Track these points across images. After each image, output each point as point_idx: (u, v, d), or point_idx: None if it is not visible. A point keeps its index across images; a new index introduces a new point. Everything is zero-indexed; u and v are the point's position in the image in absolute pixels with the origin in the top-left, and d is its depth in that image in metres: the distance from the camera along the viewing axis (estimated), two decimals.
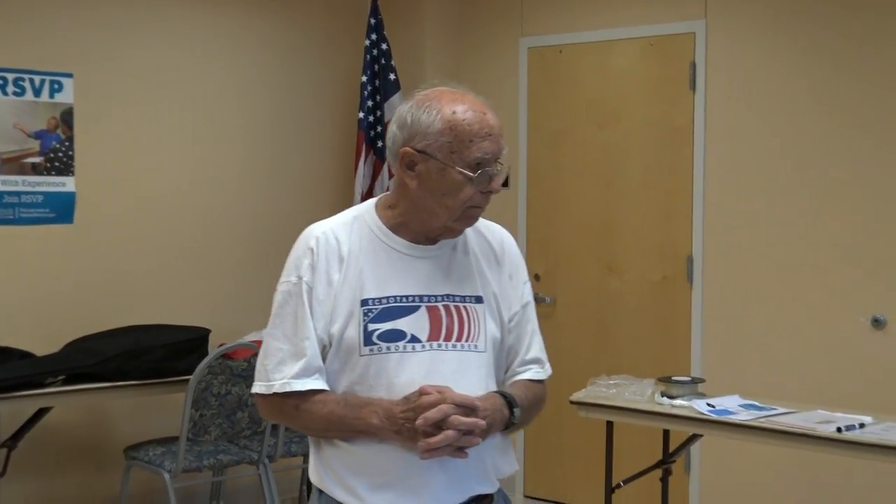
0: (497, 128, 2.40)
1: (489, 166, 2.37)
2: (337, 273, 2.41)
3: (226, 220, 6.18)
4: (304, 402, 2.38)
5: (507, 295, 2.51)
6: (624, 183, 6.20)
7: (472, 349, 2.42)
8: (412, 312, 2.40)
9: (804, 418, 4.32)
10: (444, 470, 2.35)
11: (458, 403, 2.28)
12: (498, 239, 2.57)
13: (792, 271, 5.63)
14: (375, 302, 2.39)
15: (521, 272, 2.57)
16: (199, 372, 4.95)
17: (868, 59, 5.39)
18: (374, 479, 2.36)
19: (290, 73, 6.48)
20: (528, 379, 2.53)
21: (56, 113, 5.47)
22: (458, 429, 2.26)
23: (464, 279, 2.47)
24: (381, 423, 2.32)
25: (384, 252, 2.43)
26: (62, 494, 5.58)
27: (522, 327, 2.54)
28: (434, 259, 2.45)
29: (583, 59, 6.34)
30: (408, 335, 2.38)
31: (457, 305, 2.44)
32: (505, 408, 2.39)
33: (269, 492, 5.30)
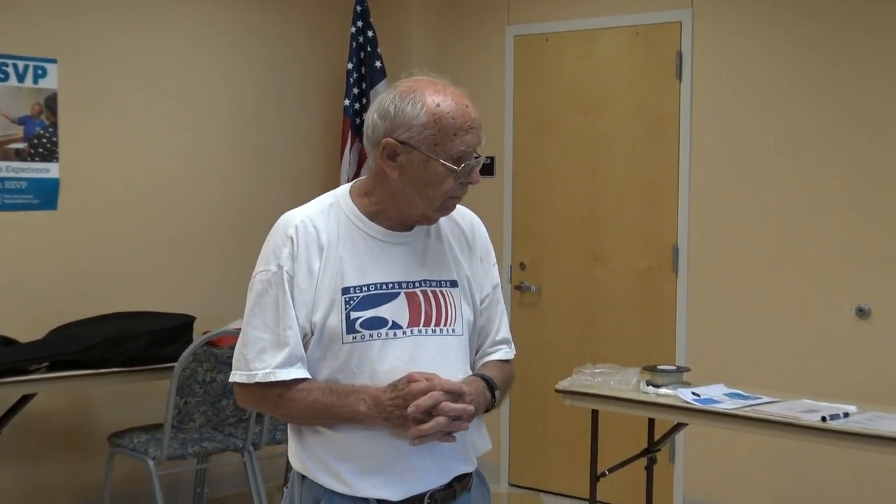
0: (478, 120, 2.41)
1: (469, 159, 2.39)
2: (317, 262, 2.41)
3: (211, 207, 6.16)
4: (288, 391, 2.39)
5: (479, 277, 2.56)
6: (610, 172, 6.20)
7: (450, 333, 2.46)
8: (392, 299, 2.43)
9: (789, 407, 4.33)
10: (430, 453, 2.39)
11: (446, 390, 2.32)
12: (468, 223, 2.61)
13: (777, 261, 5.65)
14: (356, 290, 2.41)
15: (490, 255, 2.62)
16: (184, 359, 4.93)
17: (855, 47, 5.39)
18: (360, 463, 2.39)
19: (276, 59, 6.46)
20: (499, 359, 2.59)
21: (40, 99, 5.44)
22: (448, 415, 2.31)
23: (439, 264, 2.51)
24: (369, 411, 2.34)
25: (362, 240, 2.45)
26: (46, 481, 5.57)
27: (493, 308, 2.59)
28: (410, 245, 2.48)
29: (569, 48, 6.34)
30: (389, 322, 2.40)
31: (434, 290, 2.47)
32: (486, 391, 2.45)
33: (253, 479, 5.29)
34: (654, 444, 5.03)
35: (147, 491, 5.12)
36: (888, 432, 3.97)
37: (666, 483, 5.94)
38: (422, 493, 2.42)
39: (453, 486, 2.48)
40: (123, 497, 5.67)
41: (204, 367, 5.02)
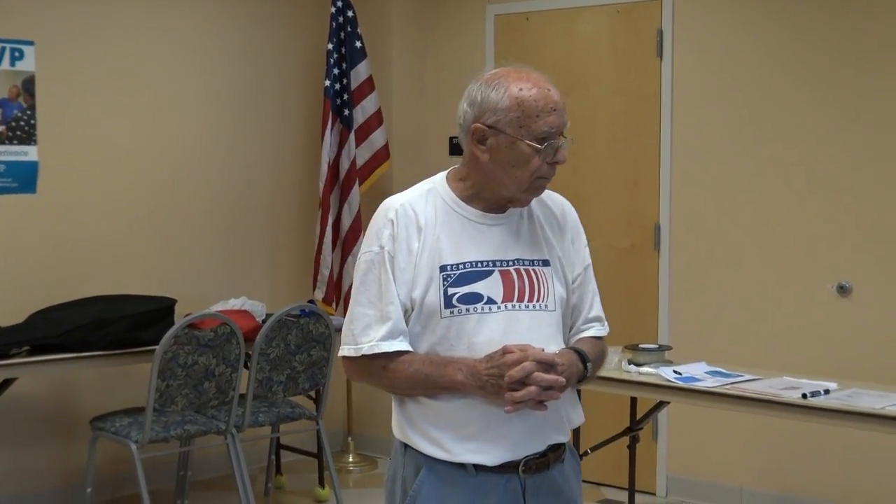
0: (560, 103, 2.58)
1: (554, 139, 2.55)
2: (416, 242, 2.56)
3: (191, 190, 6.14)
4: (391, 363, 2.54)
5: (571, 258, 2.70)
6: (591, 151, 6.19)
7: (542, 308, 2.59)
8: (487, 276, 2.57)
9: (770, 385, 4.34)
10: (524, 421, 2.52)
11: (539, 360, 2.44)
12: (559, 207, 2.76)
13: (758, 239, 5.66)
14: (453, 268, 2.56)
15: (581, 237, 2.76)
16: (166, 342, 4.92)
17: (837, 24, 5.40)
18: (458, 431, 2.53)
19: (256, 40, 6.43)
20: (592, 336, 2.71)
21: (17, 81, 5.40)
22: (540, 385, 2.43)
23: (532, 244, 2.64)
24: (466, 380, 2.48)
25: (458, 221, 2.60)
26: (28, 465, 5.56)
27: (585, 287, 2.72)
28: (504, 226, 2.63)
29: (549, 27, 6.32)
30: (484, 297, 2.55)
31: (527, 269, 2.61)
32: (579, 362, 2.57)
33: (237, 462, 5.29)
34: (636, 423, 5.04)
35: (130, 474, 5.11)
36: (868, 409, 3.99)
37: (649, 461, 5.96)
38: (517, 461, 2.54)
39: (547, 456, 2.59)
40: (106, 480, 5.67)
41: (185, 349, 5.00)
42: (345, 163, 6.41)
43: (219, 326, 5.09)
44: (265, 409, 5.49)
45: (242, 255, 6.37)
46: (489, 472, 2.54)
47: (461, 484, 2.55)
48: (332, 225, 6.32)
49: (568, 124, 2.60)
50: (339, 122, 6.42)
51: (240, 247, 6.35)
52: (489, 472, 2.54)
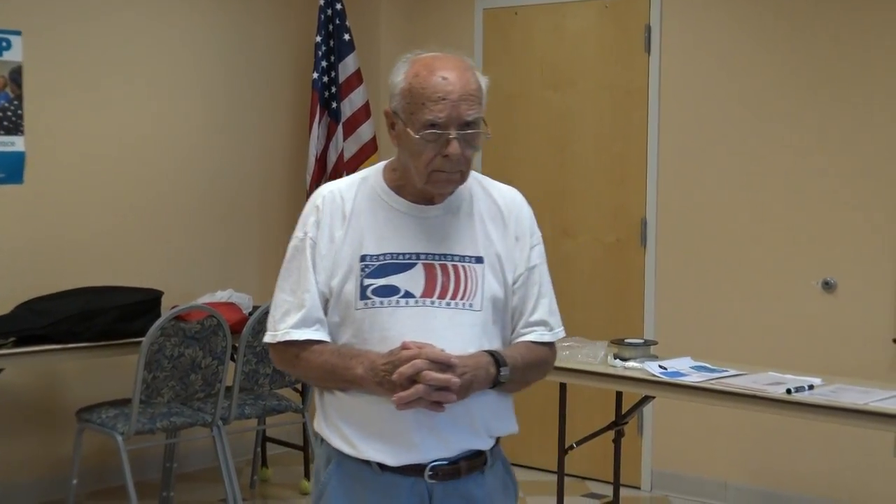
0: (456, 93, 2.38)
1: (443, 130, 2.38)
2: (340, 230, 2.49)
3: (179, 181, 6.13)
4: (304, 352, 2.49)
5: (512, 256, 2.55)
6: (578, 145, 6.20)
7: (465, 307, 2.47)
8: (408, 269, 2.47)
9: (755, 380, 4.36)
10: (430, 424, 2.41)
11: (432, 359, 2.33)
12: (507, 201, 2.60)
13: (744, 234, 5.68)
14: (373, 258, 2.47)
15: (527, 235, 2.59)
16: (152, 334, 4.91)
17: (826, 20, 5.41)
18: (365, 428, 2.46)
19: (244, 32, 6.42)
20: (531, 340, 2.56)
21: (4, 71, 5.38)
22: (430, 384, 2.32)
23: (464, 239, 2.52)
24: (365, 374, 2.40)
25: (385, 211, 2.51)
26: (14, 457, 5.55)
27: (528, 289, 2.56)
28: (435, 219, 2.51)
29: (538, 22, 6.33)
30: (401, 290, 2.45)
31: (455, 265, 2.49)
32: (491, 366, 2.42)
33: (223, 454, 5.29)
34: (621, 417, 5.06)
35: (116, 466, 5.11)
36: (852, 404, 4.01)
37: (634, 455, 5.98)
38: (421, 464, 2.45)
39: (459, 464, 2.48)
40: (92, 472, 5.66)
41: (172, 341, 5.00)
42: (332, 156, 6.42)
43: (205, 319, 5.09)
44: (251, 401, 5.50)
45: (229, 248, 6.36)
46: (395, 473, 2.45)
47: (367, 481, 2.48)
48: None
49: (468, 117, 2.39)
50: (327, 115, 6.42)
51: (227, 239, 6.35)
52: (395, 473, 2.45)
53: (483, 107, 2.45)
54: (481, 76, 2.47)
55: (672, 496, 5.95)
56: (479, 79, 2.45)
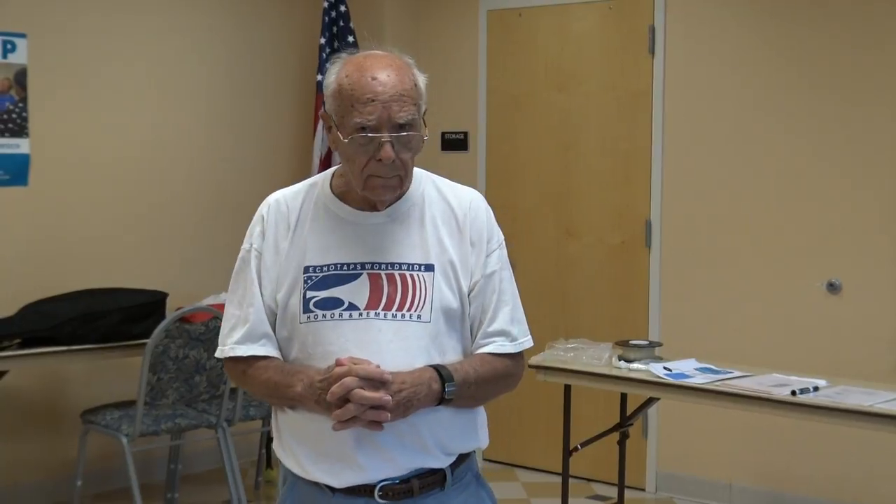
0: (386, 93, 2.24)
1: (374, 133, 2.25)
2: (284, 241, 2.40)
3: (183, 183, 6.14)
4: (249, 368, 2.40)
5: (468, 263, 2.40)
6: (583, 147, 6.20)
7: (412, 319, 2.32)
8: (352, 280, 2.35)
9: (759, 382, 4.35)
10: (375, 443, 2.29)
11: (363, 376, 2.20)
12: (463, 204, 2.44)
13: (749, 236, 5.67)
14: (317, 270, 2.36)
15: (484, 240, 2.43)
16: (157, 336, 4.92)
17: (830, 20, 5.40)
18: (313, 448, 2.35)
19: (249, 35, 6.42)
20: (490, 352, 2.40)
21: (9, 74, 5.39)
22: (360, 403, 2.19)
23: (413, 246, 2.37)
24: (304, 392, 2.29)
25: (329, 220, 2.39)
26: (19, 458, 5.55)
27: (485, 297, 2.40)
28: (380, 226, 2.38)
29: (542, 22, 6.33)
30: (345, 303, 2.33)
31: (402, 274, 2.35)
32: (435, 382, 2.28)
33: (227, 455, 5.29)
34: (626, 419, 5.05)
35: (120, 467, 5.12)
36: (857, 406, 4.00)
37: (638, 457, 5.98)
38: (369, 485, 2.32)
39: (410, 483, 2.34)
40: (97, 474, 5.66)
41: (177, 343, 5.00)
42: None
43: (210, 320, 5.09)
44: (256, 403, 5.50)
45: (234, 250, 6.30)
46: (345, 494, 2.33)
47: (320, 503, 2.36)
48: None
49: (401, 118, 2.25)
50: None
51: (231, 241, 6.27)
52: (345, 494, 2.33)
53: (420, 107, 2.31)
54: (419, 74, 2.34)
55: (677, 498, 5.94)
56: (414, 77, 2.31)
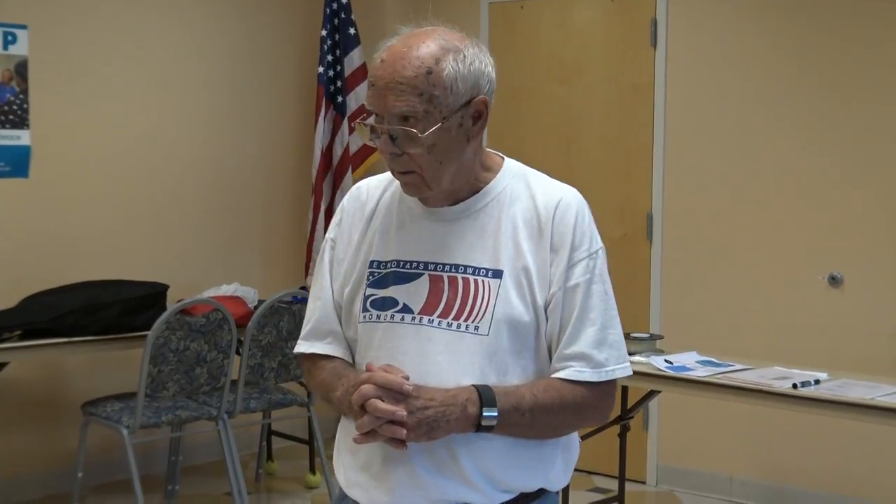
0: (384, 79, 2.03)
1: (379, 122, 2.06)
2: (358, 232, 2.22)
3: (184, 175, 6.13)
4: (312, 366, 2.25)
5: (546, 271, 2.11)
6: (584, 140, 6.20)
7: (468, 330, 2.07)
8: (413, 280, 2.13)
9: (761, 375, 4.35)
10: (407, 467, 2.07)
11: (381, 385, 2.00)
12: (550, 204, 2.15)
13: (750, 229, 5.66)
14: (381, 266, 2.16)
15: (568, 247, 2.12)
16: (157, 327, 4.91)
17: (833, 13, 5.39)
18: (356, 458, 2.16)
19: (250, 26, 6.41)
20: (561, 378, 2.09)
21: (10, 65, 5.38)
22: (377, 415, 1.98)
23: (484, 248, 2.11)
24: (342, 397, 2.10)
25: (402, 212, 2.19)
26: (20, 450, 5.55)
27: (564, 314, 2.10)
28: (452, 223, 2.15)
29: (544, 15, 6.32)
30: (400, 304, 2.12)
31: (466, 278, 2.10)
32: (472, 405, 2.02)
33: (228, 447, 5.29)
34: (627, 412, 5.05)
35: (121, 459, 5.12)
36: (858, 399, 4.00)
37: (639, 450, 5.98)
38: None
39: None
40: (98, 465, 5.66)
41: (177, 335, 5.00)
42: (338, 150, 6.41)
43: (211, 312, 5.09)
44: (256, 395, 5.50)
45: (235, 242, 6.36)
46: None
47: None
48: (324, 211, 6.32)
49: (397, 109, 2.02)
50: (333, 109, 6.41)
51: (232, 233, 6.35)
52: None
53: (431, 99, 2.03)
54: (458, 61, 2.08)
55: (678, 491, 5.94)
56: (434, 64, 2.05)
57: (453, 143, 2.06)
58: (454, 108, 2.05)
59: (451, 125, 2.05)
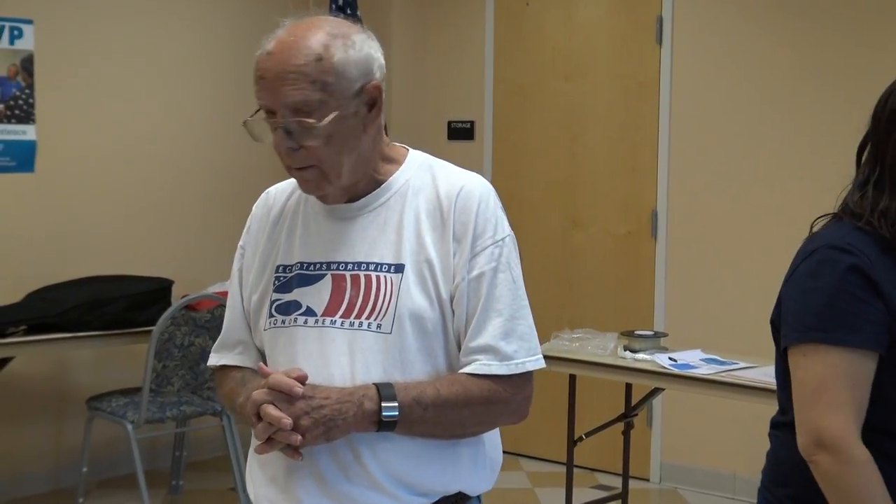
0: (273, 70, 1.95)
1: (270, 115, 2.00)
2: (265, 238, 2.15)
3: (189, 171, 6.13)
4: (221, 377, 2.18)
5: (449, 263, 2.00)
6: (589, 137, 6.19)
7: (369, 328, 1.97)
8: (315, 281, 2.04)
9: (765, 372, 4.34)
10: (315, 471, 1.97)
11: (273, 387, 1.90)
12: (452, 191, 2.03)
13: (755, 226, 5.66)
14: (287, 269, 2.08)
15: (473, 235, 2.00)
16: (162, 323, 4.92)
17: (838, 12, 5.39)
18: (265, 471, 2.06)
19: (256, 21, 6.41)
20: (470, 373, 1.98)
21: (16, 60, 5.39)
22: (269, 421, 1.88)
23: (386, 243, 2.02)
24: (244, 404, 1.99)
25: (305, 214, 2.12)
26: (24, 445, 5.56)
27: (469, 305, 1.99)
28: (354, 220, 2.06)
29: (549, 12, 6.31)
30: (303, 307, 2.03)
31: (368, 275, 2.00)
32: (370, 400, 1.91)
33: (232, 443, 5.30)
34: (631, 409, 5.05)
35: (126, 454, 5.13)
36: None
37: (643, 447, 5.98)
38: None
39: None
40: (102, 460, 5.67)
41: (182, 330, 5.01)
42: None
43: (215, 308, 5.10)
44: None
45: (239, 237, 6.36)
46: None
47: None
48: None
49: (293, 99, 1.94)
50: None
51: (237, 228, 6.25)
52: None
53: (324, 87, 1.94)
54: (345, 47, 1.97)
55: (681, 488, 5.94)
56: (325, 50, 1.95)
57: (350, 133, 1.98)
58: (348, 95, 1.96)
59: (346, 113, 1.96)
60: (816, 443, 2.03)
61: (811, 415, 2.05)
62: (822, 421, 2.02)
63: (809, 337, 2.10)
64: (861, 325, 2.04)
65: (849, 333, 2.04)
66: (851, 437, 2.00)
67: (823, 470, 2.03)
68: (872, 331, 2.04)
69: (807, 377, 2.08)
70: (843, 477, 2.00)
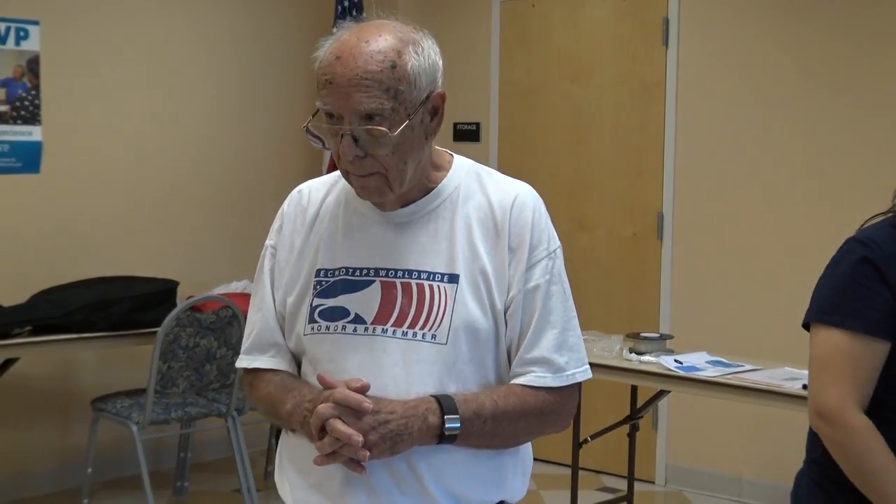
0: (346, 76, 1.88)
1: (336, 122, 1.92)
2: (300, 238, 2.09)
3: (194, 172, 6.14)
4: (255, 380, 2.12)
5: (504, 274, 2.00)
6: (595, 139, 6.19)
7: (425, 339, 1.96)
8: (362, 288, 2.00)
9: (770, 375, 4.34)
10: (366, 483, 1.95)
11: (340, 402, 1.88)
12: (505, 201, 2.04)
13: (761, 229, 5.65)
14: (328, 274, 2.03)
15: (527, 247, 2.01)
16: (168, 324, 4.92)
17: (841, 15, 5.38)
18: (307, 477, 2.03)
19: (260, 22, 6.42)
20: (524, 384, 2.00)
21: (22, 61, 5.39)
22: (337, 437, 1.87)
23: (438, 251, 2.00)
24: (292, 410, 1.99)
25: (349, 216, 2.07)
26: (29, 446, 5.56)
27: (524, 318, 2.00)
28: (404, 226, 2.03)
29: (555, 14, 6.31)
30: (351, 314, 1.99)
31: (420, 283, 1.98)
32: (432, 415, 1.91)
33: (237, 444, 5.29)
34: (636, 412, 5.04)
35: (130, 455, 5.12)
36: None
37: (648, 450, 5.97)
38: None
39: None
40: (107, 461, 5.67)
41: (187, 331, 5.01)
42: None
43: (221, 309, 5.10)
44: None
45: (245, 238, 6.36)
46: None
47: None
48: None
49: (365, 107, 1.87)
50: None
51: (242, 230, 6.35)
52: None
53: (397, 94, 1.90)
54: (417, 53, 1.95)
55: (686, 491, 5.93)
56: (399, 58, 1.91)
57: (416, 142, 1.95)
58: (416, 103, 1.93)
59: (414, 122, 1.93)
60: (817, 414, 2.28)
61: (813, 388, 2.31)
62: (821, 394, 2.27)
63: (819, 318, 2.40)
64: (864, 312, 2.24)
65: (852, 318, 2.26)
66: (848, 408, 2.20)
67: (826, 438, 2.29)
68: (875, 318, 2.23)
69: (814, 354, 2.37)
70: (843, 444, 2.23)
